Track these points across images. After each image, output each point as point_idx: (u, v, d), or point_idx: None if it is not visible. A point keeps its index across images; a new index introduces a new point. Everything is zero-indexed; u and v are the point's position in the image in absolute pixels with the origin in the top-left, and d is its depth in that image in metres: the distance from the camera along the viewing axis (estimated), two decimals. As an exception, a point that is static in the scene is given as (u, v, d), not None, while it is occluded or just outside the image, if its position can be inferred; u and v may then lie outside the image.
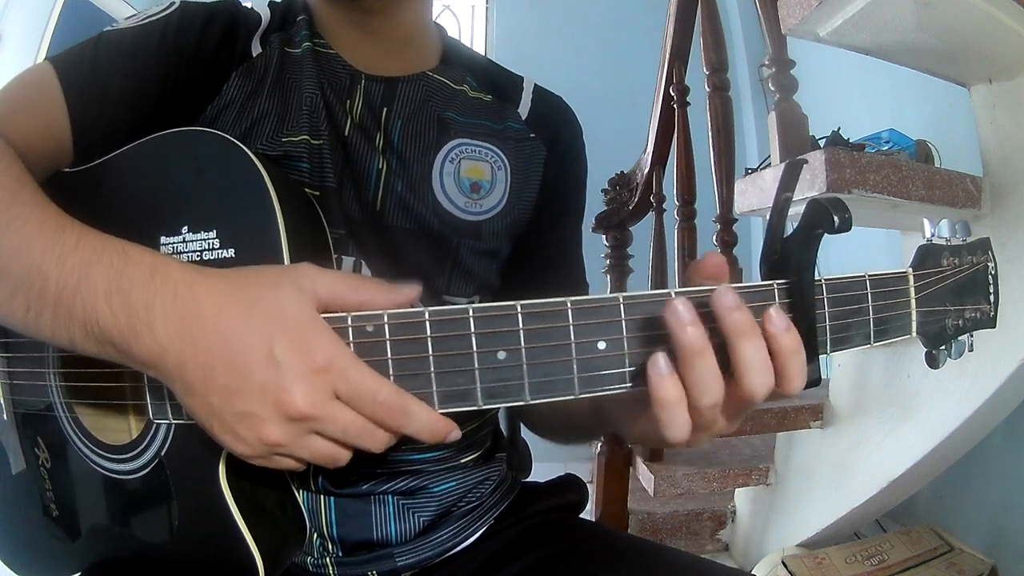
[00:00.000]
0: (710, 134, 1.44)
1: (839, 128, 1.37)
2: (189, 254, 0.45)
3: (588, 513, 1.66)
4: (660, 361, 0.37)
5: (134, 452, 0.49)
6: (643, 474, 1.56)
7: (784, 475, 1.58)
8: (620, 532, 0.68)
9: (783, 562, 1.38)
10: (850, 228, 0.39)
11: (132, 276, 0.38)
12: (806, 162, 1.12)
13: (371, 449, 0.40)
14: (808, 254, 0.40)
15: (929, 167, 1.22)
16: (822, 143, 1.29)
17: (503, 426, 0.78)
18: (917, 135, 1.39)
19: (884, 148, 1.32)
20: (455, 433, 0.40)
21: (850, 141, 1.35)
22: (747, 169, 1.33)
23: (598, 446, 1.64)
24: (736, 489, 1.72)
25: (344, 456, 0.40)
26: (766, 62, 1.24)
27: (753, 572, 1.37)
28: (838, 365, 1.47)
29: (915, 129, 1.44)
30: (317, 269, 0.40)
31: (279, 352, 0.37)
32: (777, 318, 0.38)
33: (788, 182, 0.42)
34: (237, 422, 0.38)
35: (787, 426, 1.45)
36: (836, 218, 0.39)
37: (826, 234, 0.39)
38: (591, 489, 1.66)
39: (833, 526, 1.43)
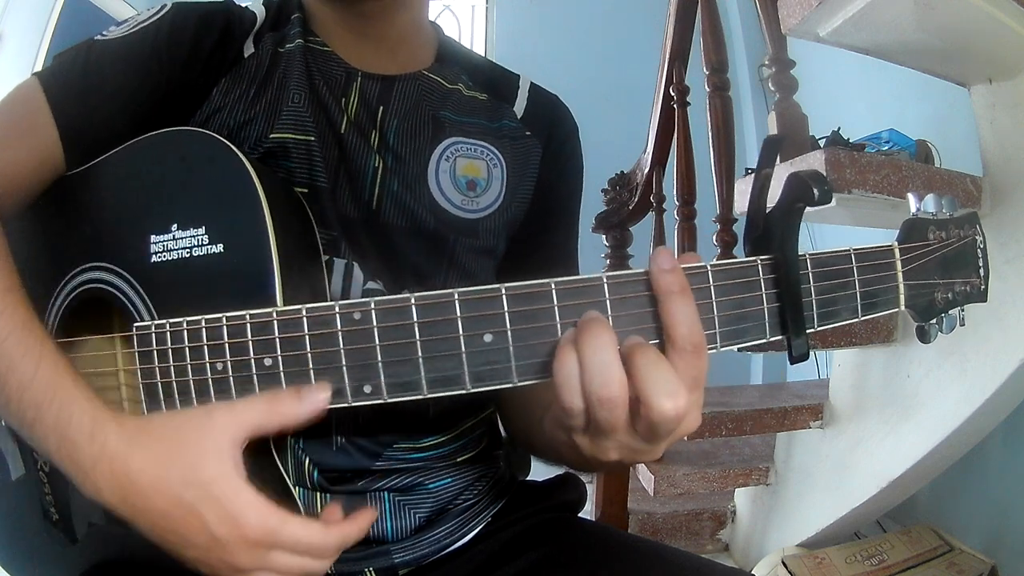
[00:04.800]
0: (710, 134, 1.44)
1: (839, 128, 1.37)
2: (179, 251, 0.46)
3: (588, 513, 1.66)
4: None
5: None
6: (643, 474, 1.55)
7: (784, 475, 1.57)
8: (619, 531, 0.68)
9: (783, 562, 1.38)
10: (830, 200, 0.39)
11: (74, 439, 0.41)
12: (784, 138, 1.12)
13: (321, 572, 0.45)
14: (790, 228, 0.40)
15: (929, 167, 1.22)
16: (822, 143, 1.29)
17: (502, 425, 0.78)
18: (917, 135, 1.38)
19: (884, 148, 1.32)
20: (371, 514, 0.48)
21: (850, 141, 1.34)
22: (747, 169, 1.33)
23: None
24: (736, 489, 1.72)
25: None
26: (766, 62, 1.24)
27: (753, 572, 1.37)
28: (838, 365, 1.46)
29: (915, 129, 1.44)
30: (231, 412, 0.41)
31: (214, 528, 0.40)
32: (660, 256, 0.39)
33: (768, 158, 0.42)
34: (193, 561, 0.42)
35: (787, 426, 1.45)
36: (816, 190, 0.39)
37: (807, 207, 0.39)
38: (591, 489, 1.66)
39: (833, 526, 1.43)
